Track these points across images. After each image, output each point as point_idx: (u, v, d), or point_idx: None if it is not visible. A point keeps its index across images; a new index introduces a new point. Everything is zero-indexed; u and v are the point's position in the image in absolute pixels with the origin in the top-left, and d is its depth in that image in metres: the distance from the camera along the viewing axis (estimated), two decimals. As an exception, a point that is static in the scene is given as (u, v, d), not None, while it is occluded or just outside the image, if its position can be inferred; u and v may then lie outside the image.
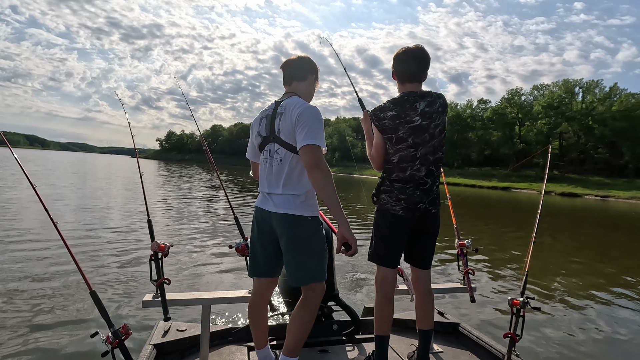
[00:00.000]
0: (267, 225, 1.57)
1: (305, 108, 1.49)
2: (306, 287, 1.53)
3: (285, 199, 1.52)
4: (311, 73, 1.66)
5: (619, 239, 11.55)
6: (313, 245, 1.53)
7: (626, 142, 44.41)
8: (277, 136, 1.55)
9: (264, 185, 1.60)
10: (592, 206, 25.15)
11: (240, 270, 4.62)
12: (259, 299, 1.67)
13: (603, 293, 4.82)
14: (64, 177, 19.77)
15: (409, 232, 1.75)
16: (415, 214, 1.70)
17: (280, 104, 1.58)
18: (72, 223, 7.13)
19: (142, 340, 2.21)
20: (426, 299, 1.82)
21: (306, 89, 1.66)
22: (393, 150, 1.70)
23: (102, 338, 1.45)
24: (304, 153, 1.44)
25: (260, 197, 1.64)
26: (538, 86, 59.83)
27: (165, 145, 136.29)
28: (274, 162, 1.56)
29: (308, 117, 1.47)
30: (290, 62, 1.66)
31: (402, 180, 1.70)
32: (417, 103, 1.66)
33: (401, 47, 1.75)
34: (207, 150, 2.28)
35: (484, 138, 58.11)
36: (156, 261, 1.77)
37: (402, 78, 1.73)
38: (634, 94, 48.17)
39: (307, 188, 1.54)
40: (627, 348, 3.25)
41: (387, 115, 1.68)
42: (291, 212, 1.50)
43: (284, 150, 1.53)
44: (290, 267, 1.54)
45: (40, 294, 3.59)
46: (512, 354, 1.74)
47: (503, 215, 16.04)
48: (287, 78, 1.66)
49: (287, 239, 1.52)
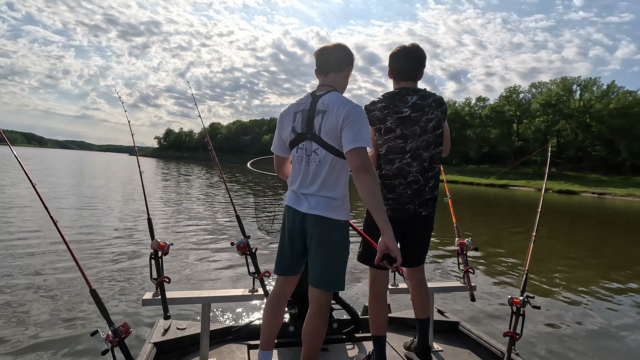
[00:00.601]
0: (298, 226, 1.50)
1: (352, 107, 1.40)
2: (323, 293, 1.48)
3: (322, 201, 1.46)
4: (348, 64, 1.56)
5: (615, 236, 11.61)
6: (342, 250, 1.50)
7: (623, 140, 44.58)
8: (316, 135, 1.45)
9: (297, 184, 1.52)
10: (589, 203, 25.26)
11: (241, 268, 4.62)
12: (281, 297, 1.63)
13: (603, 291, 4.84)
14: (62, 175, 19.69)
15: (400, 232, 1.70)
16: (403, 215, 1.67)
17: (319, 98, 1.47)
18: (72, 221, 7.11)
19: (142, 338, 2.21)
20: (420, 288, 1.84)
21: (343, 81, 1.56)
22: (381, 141, 1.68)
23: (102, 336, 1.44)
24: (354, 155, 1.36)
25: (292, 196, 1.55)
26: (536, 84, 59.98)
27: (163, 143, 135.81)
28: (312, 162, 1.47)
29: (356, 118, 1.38)
30: (328, 50, 1.53)
31: (390, 174, 1.66)
32: (408, 96, 1.66)
33: (397, 46, 1.74)
34: (212, 149, 2.26)
35: (482, 135, 58.21)
36: (156, 259, 1.76)
37: (398, 76, 1.73)
38: (631, 92, 48.34)
39: (344, 192, 1.49)
40: (628, 347, 3.24)
41: (376, 107, 1.69)
42: (327, 215, 1.45)
43: (323, 151, 1.45)
44: (316, 270, 1.48)
45: (40, 292, 3.59)
46: (512, 352, 1.74)
47: (502, 213, 16.09)
48: (322, 68, 1.54)
49: (318, 241, 1.46)
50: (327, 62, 1.53)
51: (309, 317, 1.51)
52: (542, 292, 4.54)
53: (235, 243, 1.94)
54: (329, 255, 1.46)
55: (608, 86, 50.85)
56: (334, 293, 2.11)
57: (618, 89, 50.04)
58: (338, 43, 1.57)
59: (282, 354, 1.92)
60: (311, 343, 1.50)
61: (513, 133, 57.36)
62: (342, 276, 1.50)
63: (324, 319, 1.50)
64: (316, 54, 1.56)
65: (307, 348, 1.51)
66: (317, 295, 1.49)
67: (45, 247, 5.19)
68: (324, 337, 1.53)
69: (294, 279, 1.63)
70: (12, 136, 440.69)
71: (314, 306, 1.50)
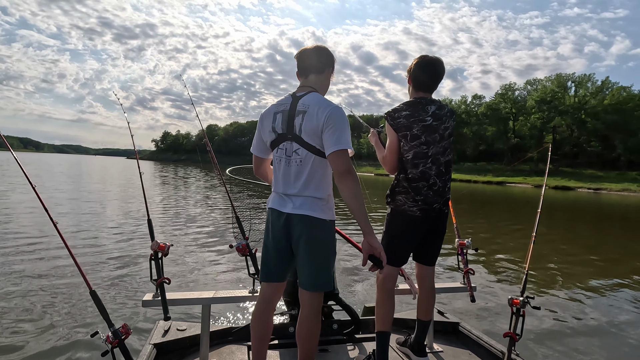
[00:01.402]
0: (282, 228, 1.47)
1: (333, 109, 1.41)
2: (314, 294, 1.47)
3: (307, 201, 1.45)
4: (329, 66, 1.56)
5: (613, 231, 11.68)
6: (329, 250, 1.49)
7: (618, 135, 44.89)
8: (297, 135, 1.44)
9: (280, 185, 1.51)
10: (584, 199, 25.42)
11: (241, 269, 4.61)
12: (267, 305, 1.57)
13: (602, 289, 4.85)
14: (60, 179, 19.57)
15: (423, 232, 1.82)
16: (431, 214, 1.77)
17: (299, 99, 1.47)
18: (72, 223, 7.10)
19: (142, 339, 2.22)
20: (430, 294, 1.91)
21: (324, 83, 1.57)
22: (408, 147, 1.77)
23: (102, 337, 1.44)
24: (336, 158, 1.37)
25: (275, 198, 1.52)
26: (531, 81, 60.30)
27: (160, 146, 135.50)
28: (293, 163, 1.46)
29: (338, 120, 1.39)
30: (307, 52, 1.54)
31: (416, 177, 1.76)
32: (428, 106, 1.79)
33: (422, 55, 1.83)
34: (211, 151, 2.27)
35: (479, 133, 58.44)
36: (156, 261, 1.75)
37: (420, 86, 1.82)
38: (625, 87, 48.71)
39: (328, 191, 1.49)
40: (628, 346, 3.21)
41: (401, 114, 1.77)
42: (313, 214, 1.43)
43: (304, 151, 1.44)
44: (305, 271, 1.47)
45: (40, 294, 3.59)
46: (512, 353, 1.74)
47: (500, 210, 16.15)
48: (302, 70, 1.55)
49: (305, 241, 1.44)
50: (307, 63, 1.54)
51: (301, 319, 1.50)
52: (541, 292, 4.53)
53: (235, 244, 1.94)
54: (316, 255, 1.45)
55: (602, 82, 51.23)
56: (334, 294, 2.11)
57: (612, 84, 50.44)
58: (318, 45, 1.57)
59: (282, 354, 1.92)
60: (306, 345, 1.50)
61: (509, 130, 57.61)
62: (331, 276, 1.51)
63: (316, 321, 1.49)
64: (296, 56, 1.56)
65: (303, 350, 1.51)
66: (307, 298, 1.48)
67: (45, 248, 5.18)
68: (319, 337, 1.52)
69: (281, 285, 1.59)
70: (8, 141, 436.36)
71: (305, 308, 1.49)
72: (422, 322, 1.89)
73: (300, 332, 1.50)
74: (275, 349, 1.96)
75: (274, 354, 1.91)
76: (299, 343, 1.52)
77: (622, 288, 4.90)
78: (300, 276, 1.49)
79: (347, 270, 4.83)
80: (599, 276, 5.44)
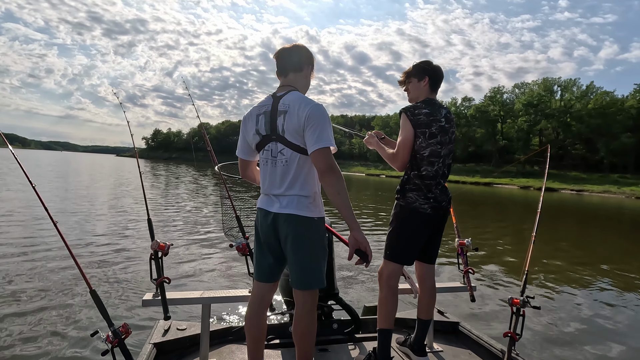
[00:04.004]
0: (271, 228, 1.48)
1: (313, 107, 1.41)
2: (306, 292, 1.47)
3: (294, 200, 1.45)
4: (308, 64, 1.56)
5: (597, 231, 11.98)
6: (319, 247, 1.49)
7: (601, 139, 46.16)
8: (281, 136, 1.45)
9: (267, 186, 1.52)
10: (567, 200, 26.00)
11: (241, 269, 4.59)
12: (259, 304, 1.57)
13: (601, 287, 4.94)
14: (52, 177, 19.11)
15: (432, 229, 1.84)
16: (439, 212, 1.81)
17: (280, 99, 1.47)
18: (71, 223, 6.98)
19: (142, 339, 2.19)
20: (431, 293, 1.93)
21: (303, 81, 1.57)
22: (425, 144, 1.79)
23: (102, 337, 1.43)
24: (318, 156, 1.38)
25: (263, 199, 1.54)
26: (519, 84, 61.51)
27: (151, 143, 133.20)
28: (278, 163, 1.47)
29: (318, 118, 1.40)
30: (285, 51, 1.54)
31: (430, 175, 1.78)
32: (441, 109, 1.87)
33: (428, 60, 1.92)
34: (211, 150, 2.25)
35: (468, 135, 59.30)
36: (156, 260, 1.75)
37: (436, 87, 1.91)
38: (609, 92, 50.10)
39: (314, 189, 1.49)
40: (628, 346, 3.22)
41: (422, 111, 1.81)
42: (300, 213, 1.44)
43: (289, 151, 1.45)
44: (294, 269, 1.47)
45: (40, 294, 3.55)
46: (512, 352, 1.76)
47: (493, 211, 16.43)
48: (281, 69, 1.55)
49: (294, 240, 1.44)
50: (286, 62, 1.54)
51: (296, 318, 1.51)
52: (540, 291, 4.56)
53: (235, 244, 1.93)
54: (305, 253, 1.45)
55: (587, 87, 52.62)
56: (334, 294, 2.12)
57: (596, 89, 51.84)
58: (296, 44, 1.58)
59: (282, 354, 1.92)
60: (302, 343, 1.51)
61: (497, 132, 58.66)
62: (321, 273, 1.49)
63: (311, 319, 1.50)
64: (275, 55, 1.56)
65: (300, 348, 1.51)
66: (299, 296, 1.48)
67: (45, 248, 5.09)
68: (316, 335, 1.53)
69: (273, 285, 1.60)
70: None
71: (299, 307, 1.50)
72: (423, 322, 1.90)
73: (296, 330, 1.51)
74: (275, 349, 1.95)
75: (274, 354, 1.91)
76: (295, 342, 1.53)
77: (622, 288, 4.97)
78: (291, 274, 1.50)
79: (347, 270, 4.82)
80: (599, 276, 5.54)
